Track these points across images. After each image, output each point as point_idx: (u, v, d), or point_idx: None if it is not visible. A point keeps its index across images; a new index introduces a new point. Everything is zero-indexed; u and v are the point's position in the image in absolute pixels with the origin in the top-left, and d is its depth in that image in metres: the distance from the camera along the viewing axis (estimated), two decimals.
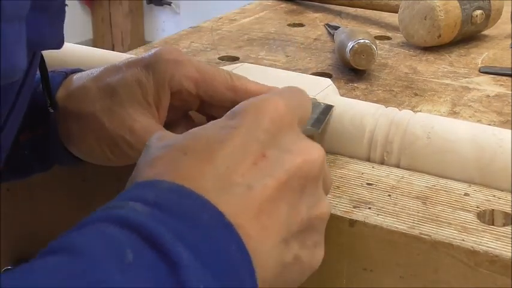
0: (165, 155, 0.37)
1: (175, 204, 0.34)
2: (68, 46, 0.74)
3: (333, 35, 0.91)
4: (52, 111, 0.52)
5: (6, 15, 0.34)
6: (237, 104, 0.43)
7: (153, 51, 0.52)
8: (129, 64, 0.52)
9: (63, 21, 0.44)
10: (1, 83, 0.35)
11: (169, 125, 0.52)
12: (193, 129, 0.40)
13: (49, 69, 0.54)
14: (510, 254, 0.42)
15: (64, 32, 0.47)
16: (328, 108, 0.56)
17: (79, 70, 0.56)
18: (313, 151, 0.39)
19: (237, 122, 0.38)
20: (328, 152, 0.56)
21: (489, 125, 0.60)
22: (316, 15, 1.08)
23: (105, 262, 0.30)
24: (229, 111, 0.40)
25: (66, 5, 0.44)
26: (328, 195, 0.48)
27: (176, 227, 0.33)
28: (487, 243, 0.43)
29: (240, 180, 0.36)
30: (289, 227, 0.37)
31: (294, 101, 0.42)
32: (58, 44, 0.43)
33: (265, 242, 0.36)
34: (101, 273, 0.29)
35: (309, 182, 0.39)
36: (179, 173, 0.36)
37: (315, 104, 0.55)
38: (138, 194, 0.35)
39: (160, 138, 0.40)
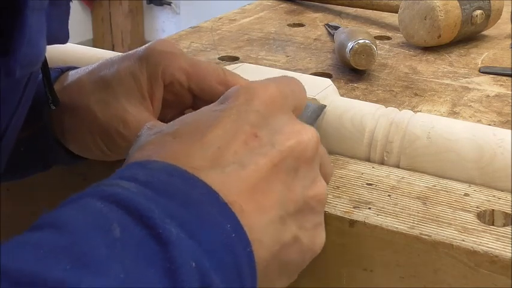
0: (155, 140, 0.38)
1: (166, 183, 0.34)
2: (68, 46, 0.74)
3: (333, 35, 0.90)
4: (54, 107, 0.52)
5: (32, 5, 0.34)
6: None
7: (147, 44, 0.53)
8: (123, 58, 0.53)
9: (68, 17, 0.44)
10: (23, 72, 0.35)
11: None
12: (184, 115, 0.40)
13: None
14: (510, 254, 0.42)
15: None
16: (320, 108, 0.56)
17: (74, 67, 0.57)
18: (306, 133, 0.39)
19: (227, 105, 0.39)
20: (328, 152, 0.56)
21: (489, 125, 0.60)
22: (316, 15, 1.08)
23: (91, 236, 0.30)
24: (221, 97, 0.40)
25: (71, 0, 0.45)
26: (328, 196, 0.48)
27: (167, 205, 0.32)
28: (487, 244, 0.43)
29: (231, 158, 0.36)
30: (285, 206, 0.37)
31: (287, 88, 0.42)
32: (64, 39, 0.44)
33: (261, 219, 0.35)
34: (87, 247, 0.29)
35: (303, 163, 0.38)
36: (168, 154, 0.36)
37: (306, 104, 0.55)
38: (129, 173, 0.35)
39: (151, 127, 0.40)
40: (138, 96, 0.51)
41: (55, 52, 0.71)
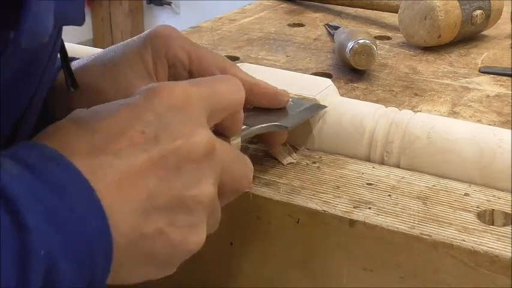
0: (59, 123, 0.40)
1: (46, 168, 0.36)
2: (67, 46, 0.74)
3: (333, 35, 0.91)
4: (73, 89, 0.53)
5: None
6: None
7: (149, 29, 0.54)
8: (128, 42, 0.54)
9: None
10: (29, 44, 0.37)
11: None
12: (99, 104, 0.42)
13: None
14: (510, 254, 0.42)
15: (64, 31, 0.47)
16: (314, 107, 0.55)
17: (75, 59, 0.57)
18: (198, 136, 0.40)
19: (131, 100, 0.40)
20: (328, 152, 0.56)
21: (489, 125, 0.60)
22: (316, 15, 1.08)
23: None
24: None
25: None
26: (328, 195, 0.48)
27: (40, 191, 0.34)
28: (487, 244, 0.43)
29: (111, 150, 0.38)
30: (153, 200, 0.38)
31: (206, 90, 0.42)
32: (80, 20, 0.45)
33: (120, 208, 0.37)
34: None
35: (188, 164, 0.39)
36: (61, 139, 0.38)
37: (298, 101, 0.55)
38: (21, 153, 0.36)
39: (75, 112, 0.41)
40: (146, 75, 0.52)
41: None
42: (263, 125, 0.50)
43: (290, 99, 0.54)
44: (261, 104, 0.53)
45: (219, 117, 0.43)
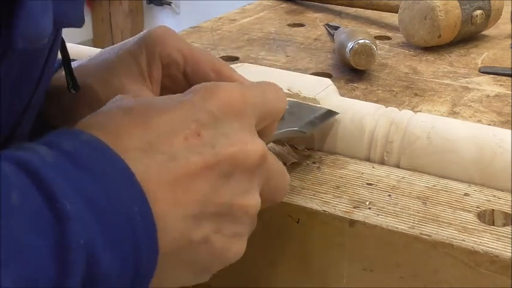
0: (108, 111, 0.38)
1: (85, 156, 0.34)
2: (67, 46, 0.74)
3: (333, 35, 0.90)
4: (74, 91, 0.53)
5: None
6: None
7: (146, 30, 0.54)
8: (123, 43, 0.54)
9: (83, 0, 0.45)
10: (25, 45, 0.36)
11: None
12: (148, 96, 0.40)
13: None
14: (510, 254, 0.42)
15: (64, 31, 0.48)
16: (330, 113, 0.55)
17: (73, 60, 0.58)
18: (252, 145, 0.39)
19: (186, 98, 0.39)
20: (328, 152, 0.56)
21: (489, 125, 0.60)
22: (316, 15, 1.08)
23: None
24: (188, 89, 0.40)
25: None
26: (328, 195, 0.48)
27: (79, 179, 0.33)
28: (487, 244, 0.43)
29: (165, 149, 0.36)
30: (204, 206, 0.37)
31: (259, 96, 0.42)
32: (79, 22, 0.44)
33: (174, 212, 0.36)
34: None
35: (240, 172, 0.39)
36: (109, 128, 0.36)
37: (314, 107, 0.55)
38: (57, 140, 0.35)
39: (118, 99, 0.40)
40: (139, 77, 0.52)
41: None
42: (283, 130, 0.50)
43: (306, 104, 0.54)
44: None
45: (263, 125, 0.43)
